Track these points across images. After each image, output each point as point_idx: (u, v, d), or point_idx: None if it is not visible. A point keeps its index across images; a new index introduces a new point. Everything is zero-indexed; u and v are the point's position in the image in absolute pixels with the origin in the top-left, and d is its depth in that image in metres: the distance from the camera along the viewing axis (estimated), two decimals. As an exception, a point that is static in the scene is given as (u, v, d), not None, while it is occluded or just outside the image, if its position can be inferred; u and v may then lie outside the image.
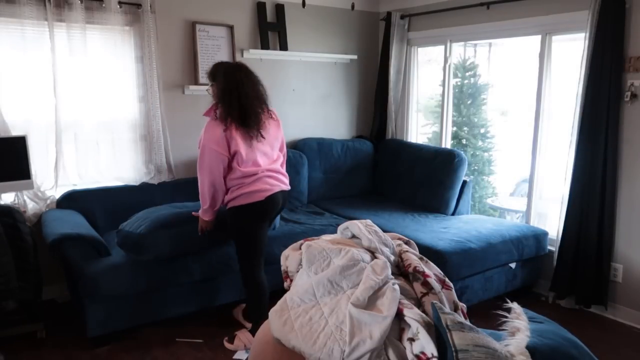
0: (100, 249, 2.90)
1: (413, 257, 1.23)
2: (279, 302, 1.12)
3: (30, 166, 3.02)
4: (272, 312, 1.09)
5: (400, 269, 1.25)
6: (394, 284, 1.09)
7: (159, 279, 2.93)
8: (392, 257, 1.24)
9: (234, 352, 2.88)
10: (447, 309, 1.07)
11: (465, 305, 1.27)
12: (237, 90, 2.69)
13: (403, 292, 1.12)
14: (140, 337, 3.03)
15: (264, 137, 2.79)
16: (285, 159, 3.08)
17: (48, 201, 3.37)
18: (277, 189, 2.83)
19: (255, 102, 2.74)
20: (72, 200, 3.39)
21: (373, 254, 1.22)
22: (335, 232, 3.68)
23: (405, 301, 1.06)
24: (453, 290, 1.18)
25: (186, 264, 3.01)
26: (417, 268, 1.16)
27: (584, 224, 3.31)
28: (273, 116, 2.92)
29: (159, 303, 3.00)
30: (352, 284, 1.09)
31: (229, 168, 2.76)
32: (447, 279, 1.19)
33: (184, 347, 2.93)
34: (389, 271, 1.14)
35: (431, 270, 1.20)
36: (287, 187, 2.95)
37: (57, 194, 3.40)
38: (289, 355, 1.00)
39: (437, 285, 1.13)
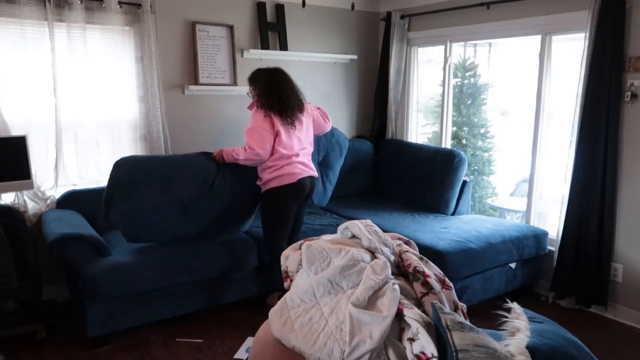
0: (100, 248, 2.90)
1: (413, 257, 1.23)
2: (279, 302, 1.11)
3: (30, 166, 3.02)
4: (272, 312, 1.09)
5: (400, 269, 1.25)
6: (394, 284, 1.09)
7: (159, 279, 2.93)
8: (392, 257, 1.23)
9: (234, 352, 2.88)
10: (447, 309, 1.07)
11: (465, 305, 1.27)
12: (276, 88, 3.10)
13: (403, 292, 1.11)
14: (140, 337, 3.03)
15: (295, 127, 3.15)
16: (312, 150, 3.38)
17: (48, 201, 3.37)
18: (306, 174, 3.17)
19: (291, 97, 3.15)
20: (72, 200, 3.39)
21: (373, 254, 1.22)
22: (335, 232, 3.68)
23: (405, 301, 1.05)
24: (453, 290, 1.18)
25: (187, 264, 3.01)
26: (417, 268, 1.16)
27: (584, 224, 3.31)
28: (307, 111, 3.28)
29: (159, 303, 3.00)
30: (352, 284, 1.09)
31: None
32: (447, 279, 1.19)
33: (184, 347, 2.93)
34: (389, 271, 1.13)
35: (431, 270, 1.20)
36: (315, 174, 3.29)
37: (57, 194, 3.40)
38: (289, 355, 1.00)
39: (437, 285, 1.12)
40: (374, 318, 0.99)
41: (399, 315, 1.03)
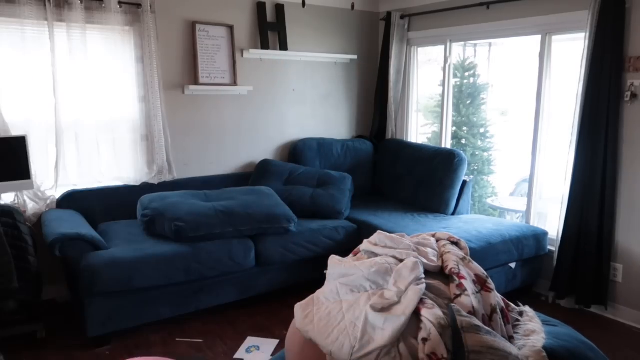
0: (100, 248, 2.90)
1: (452, 258, 1.23)
2: (307, 298, 1.16)
3: (30, 166, 3.02)
4: (297, 306, 1.13)
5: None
6: (418, 284, 1.09)
7: (157, 277, 2.93)
8: (435, 260, 1.23)
9: (234, 352, 2.88)
10: (479, 310, 1.07)
11: (516, 308, 1.25)
12: None
13: (436, 292, 1.12)
14: (140, 337, 3.03)
15: None
16: None
17: (48, 201, 3.37)
18: None
19: None
20: (73, 200, 3.39)
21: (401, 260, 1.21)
22: (332, 232, 3.68)
23: (428, 301, 1.06)
24: (494, 293, 1.17)
25: (185, 263, 3.01)
26: (453, 270, 1.16)
27: (584, 223, 3.31)
28: None
29: (158, 303, 3.00)
30: (376, 285, 1.10)
31: None
32: (489, 280, 1.18)
33: (184, 347, 2.93)
34: (420, 271, 1.14)
35: (472, 271, 1.20)
36: None
37: (57, 194, 3.40)
38: (310, 342, 1.04)
39: (471, 287, 1.12)
40: (389, 318, 1.01)
41: (418, 315, 1.04)
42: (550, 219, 3.88)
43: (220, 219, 3.19)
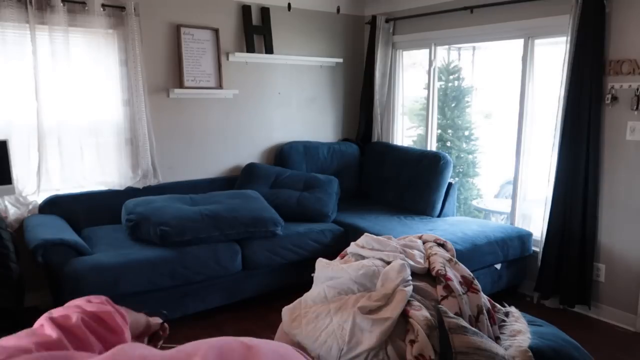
0: (84, 254, 2.86)
1: (438, 260, 1.24)
2: (295, 302, 1.16)
3: (11, 171, 2.97)
4: (285, 309, 1.13)
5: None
6: (406, 286, 1.10)
7: (143, 282, 2.90)
8: (422, 261, 1.23)
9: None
10: (467, 311, 1.08)
11: (502, 309, 1.26)
12: None
13: (423, 293, 1.13)
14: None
15: None
16: None
17: (30, 206, 3.32)
18: None
19: None
20: (55, 205, 3.34)
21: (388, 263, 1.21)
22: (319, 235, 3.68)
23: (415, 303, 1.06)
24: (480, 294, 1.17)
25: (170, 267, 2.98)
26: (440, 271, 1.17)
27: (567, 224, 3.36)
28: None
29: (144, 309, 2.96)
30: (363, 288, 1.11)
31: None
32: (475, 282, 1.19)
33: (170, 353, 2.90)
34: (407, 273, 1.14)
35: (458, 273, 1.20)
36: None
37: (40, 199, 3.35)
38: (299, 345, 1.04)
39: (458, 289, 1.13)
40: (377, 320, 1.01)
41: (406, 317, 1.05)
42: (534, 220, 3.93)
43: (206, 223, 3.17)
